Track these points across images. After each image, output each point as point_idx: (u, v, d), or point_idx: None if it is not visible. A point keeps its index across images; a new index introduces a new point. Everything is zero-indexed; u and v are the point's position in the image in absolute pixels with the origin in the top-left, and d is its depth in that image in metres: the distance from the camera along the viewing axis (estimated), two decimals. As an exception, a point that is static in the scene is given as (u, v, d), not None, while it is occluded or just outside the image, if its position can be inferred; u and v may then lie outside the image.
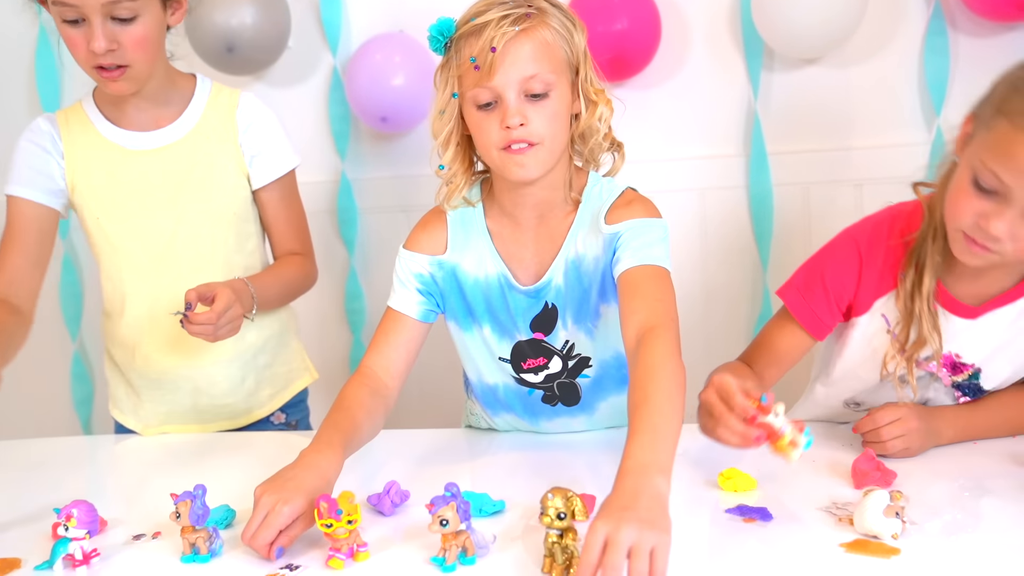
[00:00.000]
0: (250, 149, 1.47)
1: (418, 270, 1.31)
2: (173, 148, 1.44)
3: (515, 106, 1.17)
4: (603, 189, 1.27)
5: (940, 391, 1.28)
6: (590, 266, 1.26)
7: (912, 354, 1.22)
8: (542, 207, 1.27)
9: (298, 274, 1.55)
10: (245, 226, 1.50)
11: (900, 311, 1.22)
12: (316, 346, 2.26)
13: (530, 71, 1.16)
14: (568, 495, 0.94)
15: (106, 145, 1.44)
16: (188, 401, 1.50)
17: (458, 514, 0.96)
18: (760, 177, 2.03)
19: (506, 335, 1.32)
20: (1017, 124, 1.03)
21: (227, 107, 1.47)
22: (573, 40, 1.21)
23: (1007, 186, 1.05)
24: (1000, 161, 1.04)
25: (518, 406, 1.38)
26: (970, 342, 1.23)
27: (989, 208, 1.07)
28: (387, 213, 2.21)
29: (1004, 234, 1.07)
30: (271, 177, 1.50)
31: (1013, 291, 1.20)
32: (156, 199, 1.44)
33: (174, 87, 1.46)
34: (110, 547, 1.07)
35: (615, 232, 1.22)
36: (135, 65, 1.35)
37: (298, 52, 2.16)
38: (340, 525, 0.97)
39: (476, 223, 1.30)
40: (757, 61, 2.00)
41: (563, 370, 1.33)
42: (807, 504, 1.09)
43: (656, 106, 2.06)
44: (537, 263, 1.29)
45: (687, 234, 2.09)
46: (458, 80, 1.20)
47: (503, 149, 1.19)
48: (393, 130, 2.09)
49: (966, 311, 1.21)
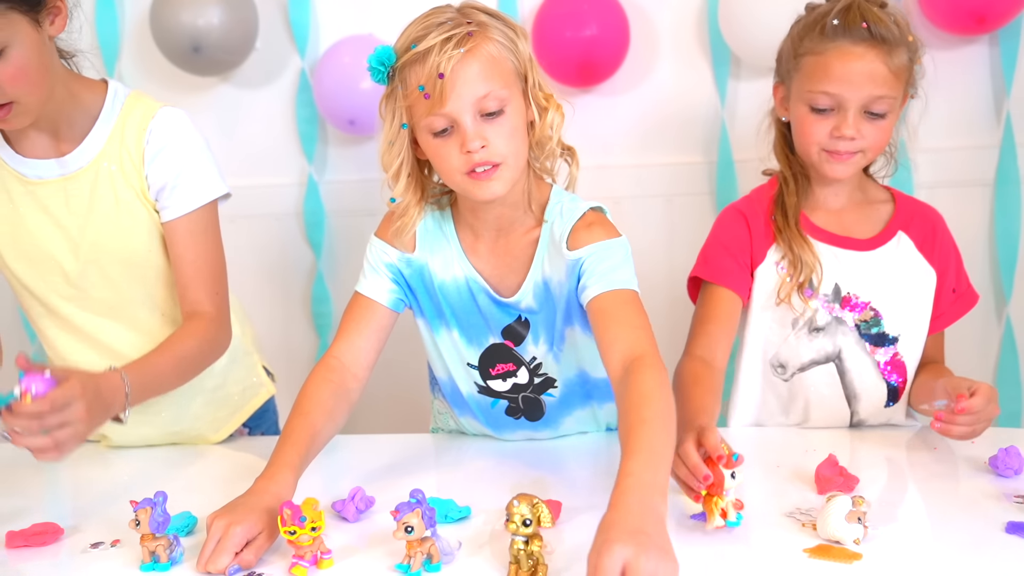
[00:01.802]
0: (157, 180, 1.29)
1: (388, 260, 1.28)
2: (75, 179, 1.29)
3: (473, 129, 1.14)
4: (564, 208, 1.24)
5: (851, 341, 1.37)
6: (555, 290, 1.24)
7: (794, 276, 1.36)
8: (501, 222, 1.25)
9: (198, 347, 1.31)
10: (164, 263, 1.34)
11: (782, 248, 1.38)
12: (282, 350, 2.25)
13: (482, 91, 1.13)
14: (534, 501, 0.93)
15: (8, 175, 1.30)
16: (133, 435, 1.39)
17: (423, 521, 0.95)
18: (727, 184, 2.04)
19: (474, 342, 1.31)
20: (818, 52, 1.32)
21: (137, 128, 1.29)
22: (518, 49, 1.18)
23: (837, 96, 1.31)
24: (823, 81, 1.31)
25: (481, 415, 1.37)
26: (861, 278, 1.37)
27: (833, 121, 1.32)
28: (355, 216, 2.20)
29: (855, 132, 1.31)
30: (177, 213, 1.31)
31: (890, 225, 1.40)
32: (62, 237, 1.30)
33: (77, 105, 1.29)
34: (66, 556, 1.05)
35: (577, 258, 1.20)
36: (20, 99, 1.19)
37: (265, 53, 2.14)
38: (303, 532, 0.96)
39: (445, 225, 1.28)
40: (724, 69, 2.02)
41: (529, 383, 1.32)
42: (771, 510, 1.10)
43: (624, 112, 2.07)
44: (498, 277, 1.27)
45: (654, 240, 2.11)
46: (407, 110, 1.16)
47: (467, 174, 1.16)
48: (361, 133, 2.08)
49: (854, 244, 1.39)
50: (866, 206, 1.43)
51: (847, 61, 1.30)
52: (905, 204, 1.44)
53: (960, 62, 1.97)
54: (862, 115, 1.32)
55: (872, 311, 1.38)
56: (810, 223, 1.41)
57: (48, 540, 1.08)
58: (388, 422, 2.24)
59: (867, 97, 1.30)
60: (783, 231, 1.38)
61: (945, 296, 1.41)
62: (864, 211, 1.43)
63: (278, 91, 2.17)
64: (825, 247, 1.39)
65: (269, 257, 2.24)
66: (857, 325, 1.38)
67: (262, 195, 2.20)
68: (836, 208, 1.42)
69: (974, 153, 2.00)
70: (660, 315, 2.16)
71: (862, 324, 1.38)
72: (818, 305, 1.37)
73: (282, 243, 2.23)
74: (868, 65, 1.29)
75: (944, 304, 1.41)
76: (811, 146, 1.35)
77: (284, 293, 2.25)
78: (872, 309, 1.38)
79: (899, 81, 1.32)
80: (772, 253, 1.40)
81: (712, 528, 1.01)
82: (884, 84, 1.30)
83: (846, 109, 1.31)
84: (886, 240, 1.40)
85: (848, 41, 1.30)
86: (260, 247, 2.23)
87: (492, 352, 1.31)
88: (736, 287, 1.39)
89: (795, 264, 1.37)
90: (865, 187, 1.45)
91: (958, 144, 2.00)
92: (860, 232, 1.41)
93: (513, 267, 1.26)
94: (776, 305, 1.39)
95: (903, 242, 1.40)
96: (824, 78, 1.31)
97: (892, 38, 1.30)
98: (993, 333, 2.03)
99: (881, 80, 1.30)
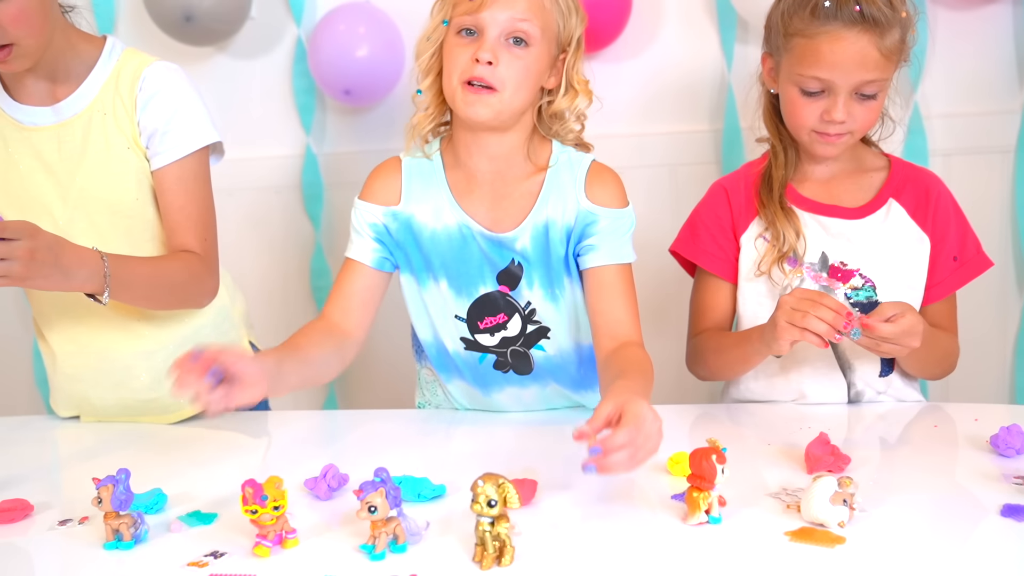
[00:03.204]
0: (149, 125, 1.32)
1: (372, 220, 1.31)
2: (69, 125, 1.32)
3: (492, 44, 1.19)
4: (571, 158, 1.29)
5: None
6: (558, 234, 1.27)
7: (779, 248, 1.35)
8: (499, 162, 1.28)
9: (182, 272, 1.32)
10: (157, 215, 1.36)
11: (764, 221, 1.37)
12: (281, 325, 2.22)
13: (519, 15, 1.19)
14: (500, 481, 0.90)
15: (4, 122, 1.33)
16: (110, 397, 1.40)
17: (388, 500, 0.92)
18: (733, 153, 1.98)
19: (463, 292, 1.30)
20: (809, 35, 1.28)
21: (132, 76, 1.32)
22: (569, 20, 1.25)
23: (827, 81, 1.28)
24: (813, 66, 1.28)
25: (468, 373, 1.35)
26: (849, 246, 1.35)
27: (823, 104, 1.29)
28: (354, 189, 2.08)
29: (845, 116, 1.29)
30: (168, 159, 1.33)
31: (882, 192, 1.37)
32: (52, 182, 1.32)
33: (75, 54, 1.33)
34: (33, 533, 1.04)
35: (592, 213, 1.25)
36: (21, 41, 1.22)
37: (261, 22, 2.10)
38: (265, 511, 0.94)
39: (435, 174, 1.30)
40: (731, 33, 1.95)
41: (520, 335, 1.31)
42: (757, 490, 1.05)
43: (626, 79, 2.01)
44: (494, 221, 1.28)
45: (658, 211, 2.04)
46: (452, 7, 1.22)
47: (464, 83, 1.20)
48: (357, 103, 2.04)
49: (842, 213, 1.37)
50: (858, 174, 1.41)
51: (838, 46, 1.26)
52: (900, 171, 1.40)
53: (980, 22, 1.89)
54: (852, 97, 1.29)
55: (862, 279, 1.35)
56: (797, 194, 1.39)
57: (17, 517, 1.06)
58: (375, 398, 2.22)
59: (858, 82, 1.28)
60: (767, 206, 1.37)
61: (943, 263, 1.36)
62: (855, 179, 1.40)
63: (275, 61, 2.13)
64: (810, 217, 1.37)
65: (268, 230, 2.21)
66: (847, 294, 1.34)
67: (260, 167, 2.17)
68: (825, 178, 1.40)
69: (994, 119, 1.92)
70: (662, 286, 2.12)
71: (852, 293, 1.35)
72: (804, 275, 1.34)
73: (281, 216, 2.20)
74: (860, 50, 1.26)
75: (943, 271, 1.36)
76: (801, 129, 1.34)
77: (283, 266, 2.22)
78: (862, 277, 1.35)
79: (890, 62, 1.29)
80: (754, 226, 1.39)
81: (694, 523, 0.97)
82: (875, 68, 1.27)
83: (836, 93, 1.29)
84: (876, 208, 1.38)
85: (839, 24, 1.26)
86: (258, 220, 2.20)
87: (482, 303, 1.30)
88: (716, 267, 1.41)
89: (777, 236, 1.35)
90: (860, 155, 1.41)
91: (977, 109, 1.92)
92: (849, 200, 1.39)
93: (510, 211, 1.28)
94: (756, 277, 1.37)
95: (894, 209, 1.37)
96: (815, 63, 1.28)
97: (884, 19, 1.26)
98: (1014, 304, 1.96)
99: (872, 64, 1.27)
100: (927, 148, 1.91)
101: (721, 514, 0.98)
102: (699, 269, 1.45)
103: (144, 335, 1.38)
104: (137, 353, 1.39)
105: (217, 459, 1.29)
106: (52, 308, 1.38)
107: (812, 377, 1.36)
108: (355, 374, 2.22)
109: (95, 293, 1.21)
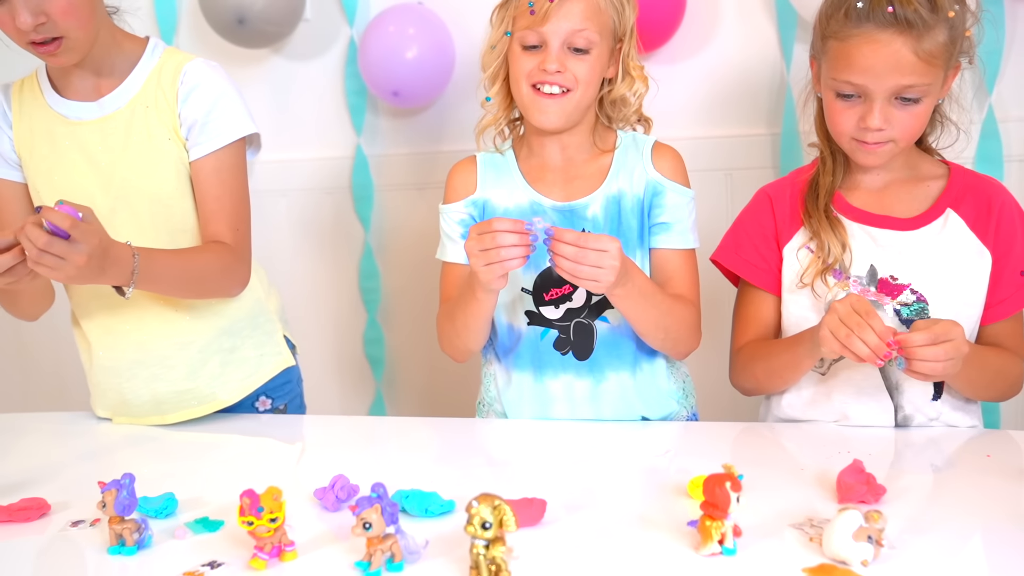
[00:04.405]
0: (189, 116, 1.37)
1: (458, 217, 1.39)
2: (112, 119, 1.37)
3: (556, 54, 1.28)
4: (635, 138, 1.39)
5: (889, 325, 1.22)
6: (629, 203, 1.34)
7: (823, 259, 1.29)
8: (569, 151, 1.37)
9: (213, 263, 1.36)
10: (194, 205, 1.40)
11: (809, 231, 1.31)
12: (330, 325, 2.25)
13: (579, 26, 1.28)
14: (496, 503, 0.86)
15: (51, 116, 1.38)
16: (145, 392, 1.42)
17: (383, 517, 0.90)
18: (792, 157, 1.89)
19: (531, 264, 1.31)
20: (842, 38, 1.22)
21: (172, 73, 1.38)
22: (624, 13, 1.32)
23: (862, 86, 1.22)
24: (847, 70, 1.22)
25: (527, 353, 1.36)
26: (900, 259, 1.28)
27: (859, 110, 1.24)
28: (403, 191, 2.15)
29: (881, 122, 1.22)
30: (206, 149, 1.37)
31: (939, 202, 1.30)
32: (95, 174, 1.36)
33: (120, 51, 1.38)
34: (43, 533, 1.04)
35: (660, 183, 1.34)
36: (70, 34, 1.28)
37: (316, 23, 2.11)
38: (260, 523, 0.92)
39: (508, 164, 1.40)
40: (791, 33, 1.87)
41: (585, 305, 1.34)
42: (780, 519, 0.99)
43: (681, 81, 1.94)
44: (566, 195, 1.36)
45: (713, 217, 1.96)
46: (513, 20, 1.31)
47: (533, 87, 1.30)
48: (406, 104, 2.03)
49: (894, 224, 1.30)
50: (913, 183, 1.33)
51: (870, 50, 1.20)
52: (959, 179, 1.31)
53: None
54: (892, 102, 1.22)
55: (914, 294, 1.26)
56: (846, 203, 1.33)
57: (32, 516, 1.08)
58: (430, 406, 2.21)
59: (893, 87, 1.21)
60: (812, 215, 1.31)
61: (1008, 279, 1.27)
62: (910, 188, 1.33)
63: (328, 62, 2.14)
64: (859, 227, 1.31)
65: (318, 231, 2.22)
66: (897, 310, 1.26)
67: (312, 168, 2.18)
68: (877, 187, 1.33)
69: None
70: (718, 291, 2.06)
71: (903, 309, 1.26)
72: (850, 289, 1.27)
73: (332, 217, 2.20)
74: (894, 53, 1.19)
75: (1008, 288, 1.27)
76: (841, 136, 1.28)
77: (333, 267, 2.23)
78: (913, 292, 1.27)
79: (932, 66, 1.21)
80: (799, 236, 1.34)
81: (705, 554, 0.92)
82: (913, 72, 1.20)
83: (872, 99, 1.22)
84: (932, 219, 1.30)
85: (873, 26, 1.20)
86: (309, 221, 2.22)
87: (548, 275, 1.34)
88: (758, 279, 1.37)
89: (821, 247, 1.30)
90: (916, 163, 1.32)
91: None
92: (903, 210, 1.31)
93: (581, 188, 1.36)
94: (799, 289, 1.31)
95: (952, 220, 1.29)
96: (847, 67, 1.22)
97: (922, 21, 1.18)
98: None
99: (909, 68, 1.20)
100: (1002, 153, 1.79)
101: (736, 545, 0.92)
102: (742, 280, 1.40)
103: (181, 326, 1.41)
104: (173, 344, 1.42)
105: (239, 463, 1.29)
106: (92, 299, 1.41)
107: (856, 397, 1.28)
108: (411, 377, 2.22)
109: (122, 286, 1.26)
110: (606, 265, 1.17)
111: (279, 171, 2.19)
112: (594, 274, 1.18)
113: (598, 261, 1.17)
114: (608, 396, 1.36)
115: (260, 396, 1.50)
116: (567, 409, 1.37)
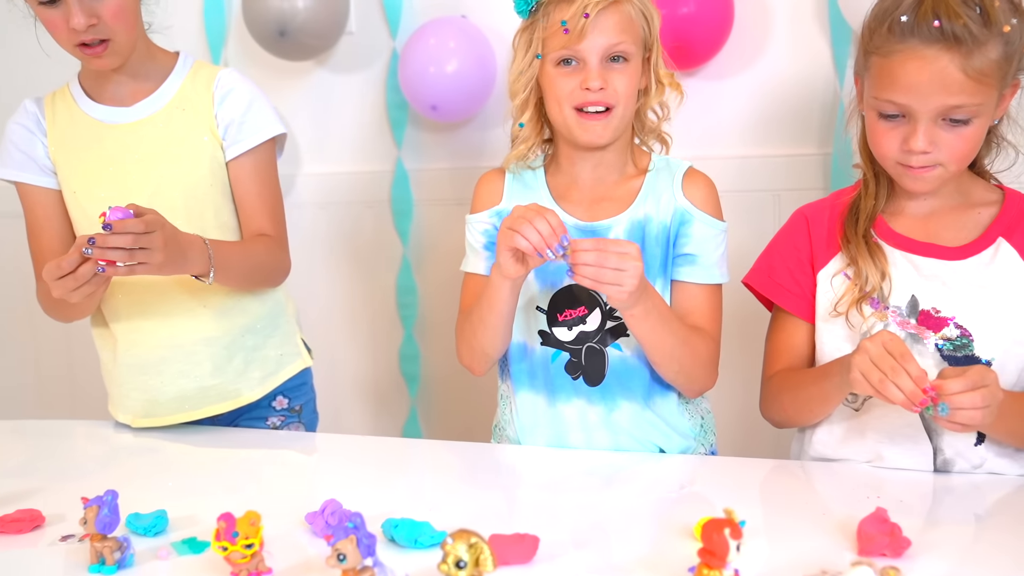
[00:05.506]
0: (225, 117, 1.43)
1: (483, 227, 1.37)
2: (149, 122, 1.43)
3: (597, 70, 1.25)
4: (668, 163, 1.36)
5: (931, 363, 1.16)
6: (654, 231, 1.30)
7: (860, 287, 1.21)
8: (601, 169, 1.34)
9: (266, 255, 1.46)
10: (225, 202, 1.46)
11: (847, 255, 1.24)
12: (367, 340, 2.22)
13: (615, 39, 1.25)
14: (472, 540, 0.81)
15: (86, 121, 1.43)
16: (171, 389, 1.44)
17: (360, 549, 0.85)
18: (843, 179, 1.80)
19: (547, 282, 1.31)
20: (884, 54, 1.14)
21: (206, 80, 1.45)
22: (652, 22, 1.30)
23: (905, 106, 1.14)
24: (889, 89, 1.14)
25: (540, 374, 1.33)
26: (944, 290, 1.19)
27: (903, 131, 1.15)
28: (443, 206, 2.12)
29: (926, 145, 1.13)
30: (244, 148, 1.44)
31: (990, 231, 1.21)
32: (132, 174, 1.41)
33: (154, 61, 1.45)
34: (31, 546, 1.03)
35: (688, 212, 1.30)
36: (116, 37, 1.34)
37: (359, 36, 2.11)
38: (235, 549, 0.89)
39: (536, 180, 1.37)
40: (844, 49, 1.78)
41: (598, 330, 1.30)
42: (792, 570, 0.92)
43: (727, 98, 1.88)
44: (591, 215, 1.33)
45: (759, 239, 1.88)
46: (543, 42, 1.27)
47: (577, 110, 1.26)
48: (444, 119, 2.00)
49: (940, 253, 1.21)
50: (964, 210, 1.23)
51: (915, 67, 1.11)
52: (1014, 205, 1.21)
53: None
54: (938, 124, 1.13)
55: (958, 329, 1.17)
56: (888, 229, 1.24)
57: (24, 528, 1.06)
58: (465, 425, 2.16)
59: (940, 107, 1.12)
60: (851, 240, 1.23)
61: None
62: (959, 215, 1.23)
63: (372, 75, 2.13)
64: (901, 255, 1.22)
65: (357, 244, 2.21)
66: (939, 345, 1.17)
67: (353, 181, 2.17)
68: (923, 213, 1.24)
69: None
70: (752, 319, 1.97)
71: (945, 344, 1.17)
72: (889, 320, 1.18)
73: (371, 231, 2.19)
74: (940, 71, 1.10)
75: None
76: (885, 158, 1.19)
77: (370, 281, 2.21)
78: (958, 327, 1.17)
79: (983, 85, 1.11)
80: (836, 261, 1.26)
81: None
82: (961, 91, 1.10)
83: (916, 120, 1.13)
84: (981, 248, 1.20)
85: (918, 42, 1.11)
86: (348, 234, 2.20)
87: (564, 294, 1.31)
88: (791, 305, 1.29)
89: (859, 274, 1.21)
90: (967, 188, 1.23)
91: None
92: (950, 239, 1.22)
93: (608, 209, 1.33)
94: (832, 317, 1.23)
95: (1003, 250, 1.19)
96: (889, 86, 1.14)
97: (971, 37, 1.08)
98: None
99: (957, 88, 1.10)
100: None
101: None
102: (776, 305, 1.32)
103: (208, 323, 1.44)
104: (199, 339, 1.44)
105: (239, 480, 1.27)
106: (124, 298, 1.44)
107: (891, 437, 1.19)
108: (447, 395, 2.18)
109: (201, 275, 1.32)
110: (628, 267, 1.13)
111: (320, 183, 2.18)
112: (617, 277, 1.14)
113: (620, 264, 1.13)
114: (622, 425, 1.31)
115: (277, 395, 1.53)
116: (582, 437, 1.31)
